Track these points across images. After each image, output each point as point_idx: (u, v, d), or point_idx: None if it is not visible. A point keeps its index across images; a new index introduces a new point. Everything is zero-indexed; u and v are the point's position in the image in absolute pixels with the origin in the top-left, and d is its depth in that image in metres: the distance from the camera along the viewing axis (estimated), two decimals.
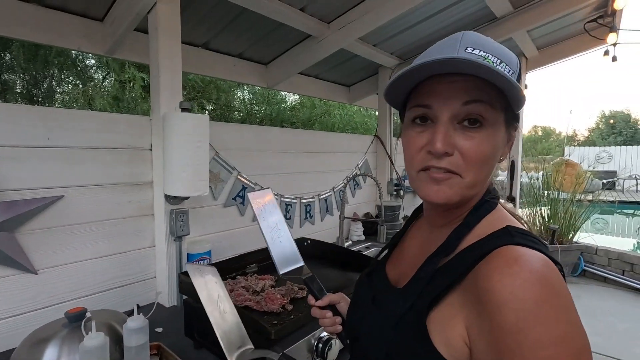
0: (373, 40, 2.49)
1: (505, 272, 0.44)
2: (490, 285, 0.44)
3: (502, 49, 0.52)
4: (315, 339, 0.99)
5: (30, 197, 1.18)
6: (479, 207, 0.56)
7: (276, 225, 0.79)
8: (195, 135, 1.36)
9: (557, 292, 0.43)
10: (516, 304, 0.41)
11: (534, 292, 0.42)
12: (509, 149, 0.57)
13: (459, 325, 0.48)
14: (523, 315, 0.41)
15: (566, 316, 0.42)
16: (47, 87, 3.85)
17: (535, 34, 2.95)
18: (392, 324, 0.55)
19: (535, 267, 0.44)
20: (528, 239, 0.48)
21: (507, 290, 0.42)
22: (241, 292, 1.15)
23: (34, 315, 1.21)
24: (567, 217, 4.48)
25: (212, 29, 1.97)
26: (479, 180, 0.53)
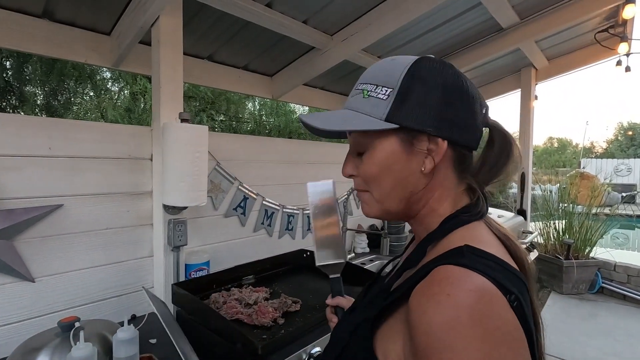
0: (377, 52, 2.50)
1: (425, 292, 0.43)
2: (412, 305, 0.44)
3: (381, 70, 0.55)
4: (307, 354, 0.96)
5: (29, 205, 1.19)
6: (445, 222, 0.54)
7: (329, 215, 0.77)
8: (194, 146, 1.36)
9: (474, 321, 0.39)
10: (426, 328, 0.40)
11: (445, 316, 0.40)
12: (431, 159, 0.53)
13: (398, 342, 0.47)
14: (431, 339, 0.40)
15: (479, 347, 0.38)
16: (63, 99, 3.98)
17: (545, 45, 2.92)
18: (349, 330, 0.56)
19: (457, 290, 0.41)
20: (481, 261, 0.45)
21: (421, 312, 0.42)
22: (233, 305, 1.13)
23: (29, 323, 1.22)
24: (583, 231, 4.33)
25: (217, 42, 2.00)
26: (385, 192, 0.56)
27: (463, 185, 0.57)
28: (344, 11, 1.90)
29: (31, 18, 1.50)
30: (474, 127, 0.54)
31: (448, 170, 0.55)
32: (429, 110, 0.51)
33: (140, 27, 1.45)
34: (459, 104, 0.53)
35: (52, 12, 1.52)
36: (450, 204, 0.56)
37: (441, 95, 0.52)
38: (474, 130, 0.54)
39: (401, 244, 2.54)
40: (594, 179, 6.04)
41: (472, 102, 0.54)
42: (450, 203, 0.56)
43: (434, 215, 0.56)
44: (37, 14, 1.51)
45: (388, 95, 0.52)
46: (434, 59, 0.55)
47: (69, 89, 3.85)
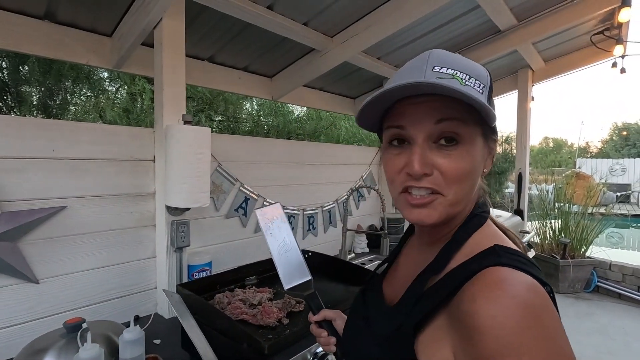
0: (377, 53, 2.51)
1: (487, 296, 0.43)
2: (473, 309, 0.43)
3: (470, 64, 0.52)
4: (311, 354, 0.97)
5: (33, 207, 1.20)
6: (468, 222, 0.55)
7: (284, 240, 0.79)
8: (196, 147, 1.37)
9: (540, 318, 0.41)
10: (497, 331, 0.40)
11: (516, 318, 0.40)
12: (491, 161, 0.56)
13: (445, 348, 0.47)
14: (503, 342, 0.40)
15: (549, 343, 0.40)
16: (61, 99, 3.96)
17: (541, 46, 2.95)
18: (377, 343, 0.54)
19: (519, 291, 0.42)
20: (515, 258, 0.47)
21: (489, 316, 0.41)
22: (238, 305, 1.14)
23: (34, 324, 1.22)
24: (579, 230, 4.38)
25: (217, 43, 2.01)
26: (461, 197, 0.52)
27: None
28: (344, 13, 1.91)
29: (33, 20, 1.50)
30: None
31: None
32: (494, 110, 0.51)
33: (142, 29, 1.46)
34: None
35: (54, 13, 1.52)
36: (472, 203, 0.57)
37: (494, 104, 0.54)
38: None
39: None
40: (590, 179, 6.10)
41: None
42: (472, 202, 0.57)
43: (460, 217, 0.56)
44: (38, 15, 1.51)
45: (482, 91, 0.50)
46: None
47: (66, 89, 3.83)
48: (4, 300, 1.16)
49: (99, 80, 4.35)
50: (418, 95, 0.50)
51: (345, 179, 2.64)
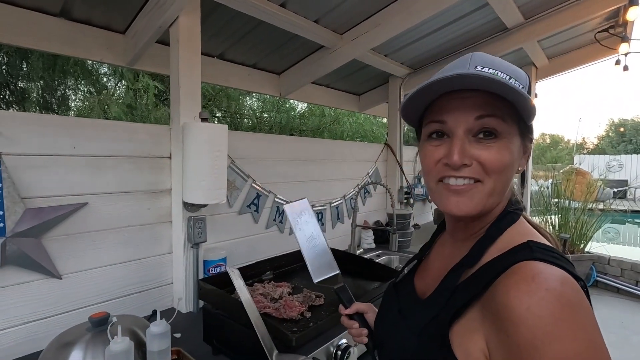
0: (384, 51, 2.53)
1: (522, 288, 0.44)
2: (508, 301, 0.45)
3: (510, 66, 0.55)
4: (334, 346, 1.00)
5: (56, 204, 1.22)
6: (501, 219, 0.57)
7: (312, 235, 0.82)
8: (214, 145, 1.39)
9: (574, 310, 0.42)
10: (532, 321, 0.42)
11: (550, 309, 0.42)
12: (525, 160, 0.58)
13: (479, 339, 0.49)
14: (539, 332, 0.41)
15: (583, 334, 0.41)
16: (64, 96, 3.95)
17: (546, 44, 2.97)
18: (415, 333, 0.56)
19: (553, 284, 0.44)
20: (549, 254, 0.49)
21: (523, 307, 0.43)
22: (260, 299, 1.17)
23: (58, 319, 1.25)
24: (578, 226, 4.43)
25: (229, 40, 2.02)
26: (498, 188, 0.54)
27: None
28: (354, 11, 1.92)
29: (49, 17, 1.51)
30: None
31: None
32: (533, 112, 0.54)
33: (158, 27, 1.47)
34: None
35: (69, 11, 1.53)
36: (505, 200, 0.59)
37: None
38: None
39: (406, 239, 2.60)
40: (589, 175, 6.17)
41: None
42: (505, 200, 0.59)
43: (494, 213, 0.58)
44: (54, 12, 1.51)
45: (522, 86, 0.53)
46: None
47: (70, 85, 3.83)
48: (29, 295, 1.18)
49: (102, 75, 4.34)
50: (461, 91, 0.53)
51: (352, 175, 2.66)
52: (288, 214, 0.84)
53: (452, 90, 0.53)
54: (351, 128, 5.53)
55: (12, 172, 1.12)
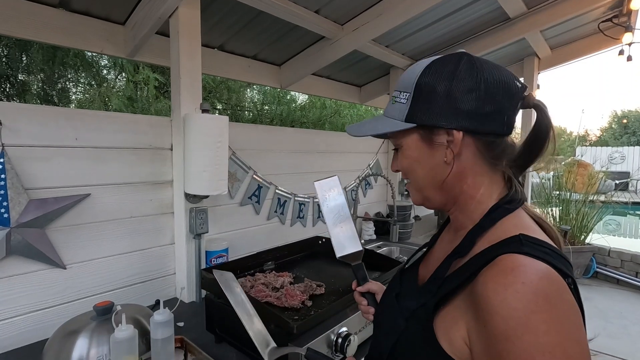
0: (385, 42, 2.51)
1: (499, 280, 0.46)
2: (485, 292, 0.46)
3: (406, 77, 0.61)
4: (334, 334, 1.01)
5: (59, 195, 1.23)
6: (493, 211, 0.58)
7: (339, 212, 0.84)
8: (215, 136, 1.39)
9: (550, 304, 0.43)
10: (506, 312, 0.43)
11: (524, 302, 0.43)
12: (450, 152, 0.58)
13: (461, 327, 0.50)
14: (512, 323, 0.43)
15: (557, 327, 0.42)
16: (65, 89, 3.95)
17: (549, 34, 2.94)
18: (405, 317, 0.59)
19: (530, 277, 0.44)
20: (538, 248, 0.49)
21: (499, 299, 0.44)
22: (261, 289, 1.18)
23: (62, 308, 1.26)
24: (579, 218, 4.44)
25: (229, 31, 2.01)
26: (419, 183, 0.64)
27: (498, 173, 0.60)
28: (355, 1, 1.91)
29: (48, 8, 1.50)
30: (497, 113, 0.55)
31: (475, 157, 0.58)
32: (439, 108, 0.56)
33: (158, 18, 1.46)
34: (472, 95, 0.54)
35: (69, 1, 1.52)
36: (487, 190, 0.59)
37: (449, 91, 0.55)
38: (496, 116, 0.55)
39: (407, 231, 2.61)
40: (590, 167, 6.14)
41: (493, 90, 0.55)
42: (487, 190, 0.59)
43: (473, 202, 0.60)
44: (53, 3, 1.50)
45: (407, 99, 0.59)
46: (445, 59, 0.58)
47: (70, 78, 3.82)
48: (34, 284, 1.20)
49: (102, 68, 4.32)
50: None
51: (353, 167, 2.67)
52: (317, 190, 0.87)
53: None
54: (352, 120, 5.51)
55: (15, 163, 1.13)
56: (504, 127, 0.57)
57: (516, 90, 0.56)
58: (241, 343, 1.10)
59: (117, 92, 4.05)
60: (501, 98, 0.55)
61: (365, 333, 1.15)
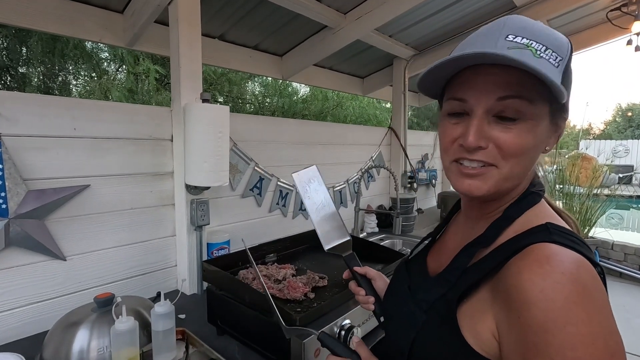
0: (389, 31, 2.46)
1: (536, 270, 0.43)
2: (520, 283, 0.44)
3: (549, 33, 0.49)
4: (338, 326, 1.00)
5: (58, 186, 1.21)
6: (522, 200, 0.55)
7: (321, 202, 0.81)
8: (216, 126, 1.37)
9: (589, 294, 0.42)
10: (545, 304, 0.41)
11: (564, 292, 0.41)
12: (556, 139, 0.54)
13: (488, 319, 0.48)
14: (552, 315, 0.41)
15: (598, 318, 0.41)
16: (64, 80, 3.92)
17: (555, 24, 2.88)
18: (423, 309, 0.56)
19: (568, 267, 0.43)
20: (567, 237, 0.47)
21: (537, 290, 0.42)
22: (263, 280, 1.17)
23: (63, 300, 1.26)
24: (583, 211, 4.41)
25: (229, 21, 1.97)
26: (516, 172, 0.51)
27: None
28: None
29: None
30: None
31: None
32: (569, 91, 0.50)
33: (157, 5, 1.43)
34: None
35: None
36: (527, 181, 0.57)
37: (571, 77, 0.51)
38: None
39: (410, 224, 2.59)
40: (594, 160, 6.09)
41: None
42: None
43: (512, 193, 0.56)
44: None
45: (558, 65, 0.48)
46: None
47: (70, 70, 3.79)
48: (34, 276, 1.19)
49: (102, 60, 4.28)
50: (485, 66, 0.48)
51: (355, 159, 2.64)
52: (297, 183, 0.84)
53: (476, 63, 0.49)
54: (354, 112, 5.46)
55: (12, 153, 1.11)
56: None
57: None
58: (243, 335, 1.09)
59: (117, 84, 4.02)
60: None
61: (369, 325, 1.14)
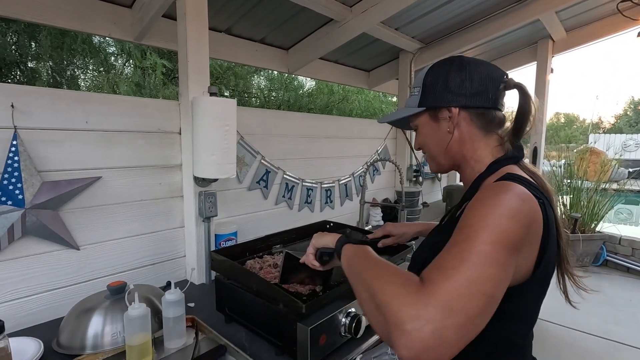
0: (395, 24, 2.46)
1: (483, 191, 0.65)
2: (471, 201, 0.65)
3: (416, 78, 0.84)
4: (343, 314, 1.02)
5: (71, 177, 1.24)
6: (492, 165, 0.76)
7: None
8: (223, 119, 1.39)
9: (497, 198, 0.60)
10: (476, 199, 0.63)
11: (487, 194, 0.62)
12: (452, 123, 0.78)
13: None
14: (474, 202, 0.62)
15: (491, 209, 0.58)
16: (74, 75, 3.96)
17: (564, 15, 2.85)
18: (429, 247, 0.77)
19: (499, 186, 0.63)
20: (518, 179, 0.66)
21: (475, 196, 0.65)
22: (270, 270, 1.20)
23: (76, 288, 1.30)
24: (591, 206, 4.37)
25: (235, 14, 1.98)
26: (433, 152, 0.84)
27: (494, 138, 0.78)
28: None
29: None
30: (483, 92, 0.75)
31: (470, 126, 0.78)
32: (440, 94, 0.77)
33: (165, 0, 1.44)
34: (462, 82, 0.75)
35: None
36: (484, 151, 0.78)
37: (446, 82, 0.77)
38: (482, 94, 0.75)
39: (415, 217, 2.61)
40: (603, 155, 6.02)
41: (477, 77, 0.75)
42: (484, 151, 0.78)
43: (474, 161, 0.79)
44: None
45: (418, 92, 0.82)
46: (442, 62, 0.79)
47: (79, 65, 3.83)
48: (49, 264, 1.23)
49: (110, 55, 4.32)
50: None
51: (361, 152, 2.65)
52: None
53: None
54: (360, 106, 5.45)
55: (27, 145, 1.14)
56: (489, 102, 0.76)
57: (497, 76, 0.76)
58: (250, 322, 1.12)
59: (125, 78, 4.06)
60: (485, 82, 0.75)
61: None
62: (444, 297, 0.47)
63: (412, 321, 0.46)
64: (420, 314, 0.46)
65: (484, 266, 0.51)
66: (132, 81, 3.95)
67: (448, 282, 0.49)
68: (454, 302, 0.47)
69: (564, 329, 2.83)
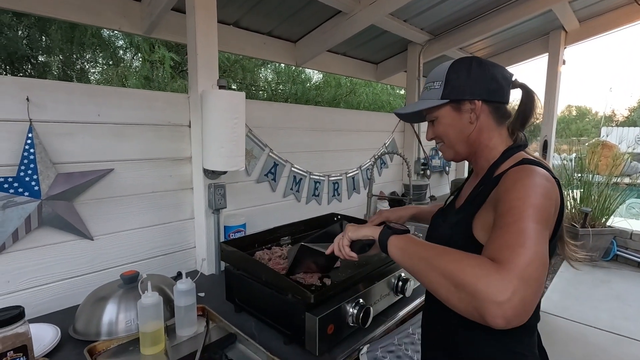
0: (403, 16, 2.43)
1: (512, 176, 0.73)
2: (504, 181, 0.73)
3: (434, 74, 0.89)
4: (351, 305, 1.04)
5: (85, 169, 1.27)
6: (504, 153, 0.85)
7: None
8: (232, 112, 1.40)
9: (530, 179, 0.69)
10: (510, 180, 0.72)
11: (521, 174, 0.71)
12: (475, 114, 0.85)
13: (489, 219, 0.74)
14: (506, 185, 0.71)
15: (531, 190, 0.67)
16: (83, 69, 4.00)
17: (577, 5, 2.78)
18: (450, 226, 0.86)
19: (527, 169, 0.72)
20: (535, 162, 0.76)
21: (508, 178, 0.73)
22: (278, 261, 1.21)
23: (91, 277, 1.33)
24: (601, 200, 4.31)
25: (244, 7, 1.98)
26: (451, 142, 0.90)
27: (504, 129, 0.88)
28: None
29: None
30: (500, 89, 0.84)
31: (488, 118, 0.86)
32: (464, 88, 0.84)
33: None
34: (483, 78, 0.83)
35: None
36: (497, 140, 0.87)
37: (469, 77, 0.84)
38: (499, 91, 0.84)
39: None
40: (615, 148, 5.91)
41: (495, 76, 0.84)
42: (498, 139, 0.87)
43: (488, 149, 0.87)
44: None
45: (440, 85, 0.87)
46: (462, 60, 0.87)
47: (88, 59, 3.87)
48: (65, 254, 1.26)
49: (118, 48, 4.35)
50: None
51: (368, 146, 2.65)
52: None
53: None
54: (367, 99, 5.42)
55: (42, 138, 1.17)
56: (504, 98, 0.86)
57: (509, 76, 0.86)
58: (259, 312, 1.15)
59: (133, 71, 4.09)
60: (500, 80, 0.84)
61: (380, 305, 1.17)
62: (520, 271, 0.57)
63: (502, 294, 0.56)
64: (508, 288, 0.56)
65: (540, 241, 0.61)
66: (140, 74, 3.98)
67: (520, 258, 0.58)
68: (529, 274, 0.57)
69: (573, 323, 2.82)
